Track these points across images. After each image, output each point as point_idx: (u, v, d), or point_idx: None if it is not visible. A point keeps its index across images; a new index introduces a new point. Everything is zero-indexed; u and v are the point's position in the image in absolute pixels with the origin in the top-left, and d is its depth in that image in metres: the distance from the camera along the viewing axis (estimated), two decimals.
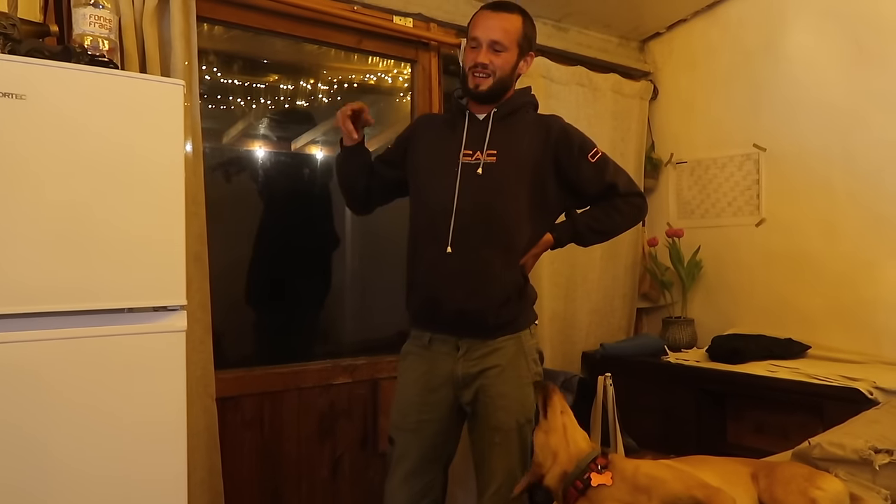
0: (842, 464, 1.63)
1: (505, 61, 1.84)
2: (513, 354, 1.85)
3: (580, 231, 1.94)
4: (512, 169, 1.85)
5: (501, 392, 1.83)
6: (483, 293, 1.81)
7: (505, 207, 1.83)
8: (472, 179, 1.83)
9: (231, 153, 2.72)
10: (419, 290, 1.89)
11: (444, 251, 1.80)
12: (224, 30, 2.51)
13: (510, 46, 1.84)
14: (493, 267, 1.82)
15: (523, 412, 1.83)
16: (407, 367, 1.92)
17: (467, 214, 1.81)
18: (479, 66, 1.82)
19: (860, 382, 2.29)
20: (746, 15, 3.10)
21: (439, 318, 1.85)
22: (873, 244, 2.70)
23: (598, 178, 1.90)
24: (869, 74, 2.71)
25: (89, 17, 1.71)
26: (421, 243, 1.89)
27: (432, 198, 1.87)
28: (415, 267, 1.91)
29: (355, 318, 2.96)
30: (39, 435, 1.46)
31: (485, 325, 1.82)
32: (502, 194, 1.83)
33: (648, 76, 3.50)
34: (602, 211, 1.93)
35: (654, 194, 3.51)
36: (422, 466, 1.85)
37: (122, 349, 1.56)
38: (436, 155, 1.91)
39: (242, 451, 2.37)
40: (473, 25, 1.87)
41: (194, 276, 2.10)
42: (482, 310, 1.81)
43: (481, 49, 1.82)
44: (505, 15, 1.85)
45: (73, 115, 1.51)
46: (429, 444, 1.86)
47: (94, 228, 1.53)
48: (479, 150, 1.85)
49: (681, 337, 3.15)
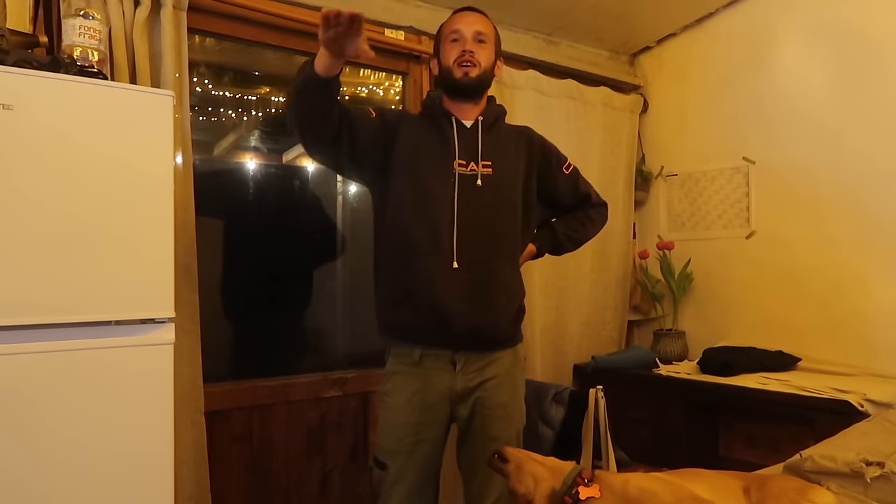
0: (833, 476, 1.62)
1: (488, 54, 1.86)
2: (510, 364, 1.86)
3: (559, 240, 2.01)
4: (507, 180, 1.85)
5: (501, 402, 1.82)
6: (498, 308, 1.80)
7: (506, 219, 1.84)
8: (472, 192, 1.79)
9: (222, 165, 2.71)
10: (419, 306, 1.75)
11: (449, 266, 1.74)
12: (215, 42, 2.51)
13: (490, 40, 1.87)
14: (503, 280, 1.81)
15: (520, 421, 1.87)
16: (395, 388, 1.80)
17: (471, 228, 1.77)
18: (467, 52, 1.81)
19: (851, 395, 2.29)
20: (735, 30, 3.13)
21: (446, 336, 1.75)
22: (862, 256, 2.72)
23: (573, 189, 2.01)
24: (855, 89, 2.74)
25: (79, 27, 1.70)
26: (415, 255, 1.76)
27: (432, 209, 1.77)
28: (405, 281, 1.77)
29: (346, 331, 2.94)
30: (24, 449, 1.44)
31: (497, 339, 1.81)
32: (503, 206, 1.83)
33: (639, 90, 3.53)
34: (577, 220, 2.03)
35: (644, 207, 3.53)
36: (419, 488, 1.79)
37: (108, 362, 1.54)
38: (427, 161, 1.81)
39: (231, 466, 2.35)
40: (451, 22, 1.88)
41: (183, 289, 2.08)
42: (497, 325, 1.80)
43: (465, 40, 1.83)
44: (480, 15, 1.89)
45: (61, 126, 1.50)
46: (425, 464, 1.79)
47: (81, 240, 1.51)
48: (473, 161, 1.82)
49: (672, 349, 3.15)
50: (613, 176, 3.36)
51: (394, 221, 1.81)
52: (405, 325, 1.79)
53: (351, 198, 2.97)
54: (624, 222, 3.41)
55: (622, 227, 3.39)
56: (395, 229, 1.80)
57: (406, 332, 1.80)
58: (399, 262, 1.79)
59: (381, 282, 1.86)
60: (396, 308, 1.79)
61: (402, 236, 1.79)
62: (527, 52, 3.07)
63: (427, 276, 1.75)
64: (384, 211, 1.85)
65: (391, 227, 1.81)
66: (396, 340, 1.83)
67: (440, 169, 1.80)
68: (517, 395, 1.88)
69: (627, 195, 3.42)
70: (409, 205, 1.79)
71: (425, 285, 1.75)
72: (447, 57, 1.85)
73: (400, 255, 1.79)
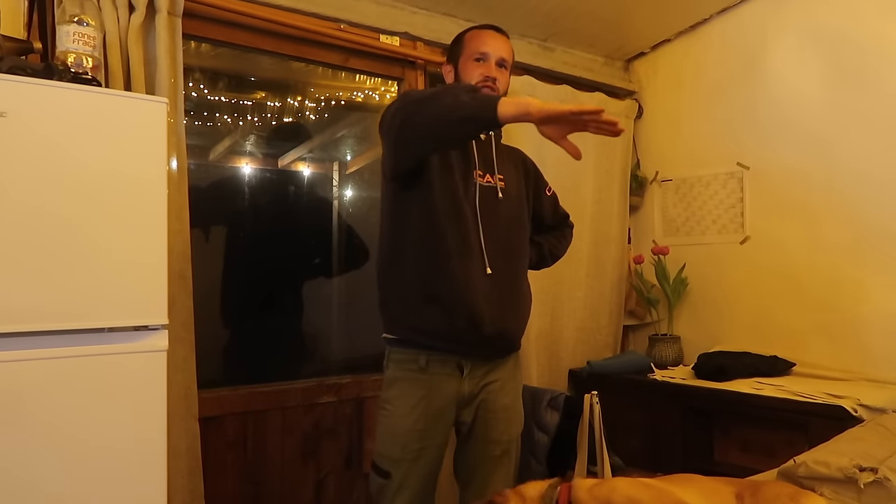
0: (827, 482, 1.63)
1: (506, 80, 1.94)
2: (512, 367, 1.92)
3: (544, 255, 2.11)
4: (517, 196, 1.95)
5: (504, 405, 1.86)
6: (519, 315, 1.89)
7: (521, 231, 1.93)
8: (493, 202, 1.85)
9: (217, 170, 2.71)
10: (452, 308, 1.73)
11: (483, 271, 1.77)
12: (211, 47, 2.52)
13: (509, 66, 1.94)
14: (523, 289, 1.91)
15: (521, 423, 1.94)
16: (399, 395, 1.78)
17: (495, 237, 1.82)
18: (490, 79, 1.87)
19: (845, 400, 2.30)
20: (729, 35, 3.14)
21: (469, 339, 1.75)
22: (856, 261, 2.73)
23: (555, 210, 2.15)
24: (848, 94, 2.75)
25: (73, 34, 1.70)
26: (453, 259, 1.75)
27: (463, 214, 1.78)
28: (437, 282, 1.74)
29: (341, 337, 2.94)
30: (16, 457, 1.43)
31: (516, 344, 1.89)
32: (516, 219, 1.92)
33: (633, 95, 3.54)
34: (556, 239, 2.16)
35: (639, 212, 3.53)
36: (422, 493, 1.79)
37: (101, 369, 1.53)
38: (450, 167, 1.80)
39: (225, 473, 2.34)
40: (479, 42, 1.90)
41: (178, 295, 2.08)
42: (519, 330, 1.88)
43: (490, 64, 1.88)
44: (505, 38, 1.96)
45: (55, 132, 1.49)
46: (428, 470, 1.79)
47: (73, 246, 1.51)
48: (489, 174, 1.88)
49: (667, 354, 3.15)
50: (608, 181, 3.37)
51: (424, 224, 1.77)
52: (427, 322, 1.75)
53: (347, 203, 2.98)
54: (619, 227, 3.41)
55: (617, 233, 3.40)
56: (426, 232, 1.77)
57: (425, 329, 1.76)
58: (431, 264, 1.75)
59: (405, 284, 1.79)
60: (425, 309, 1.75)
61: (435, 239, 1.76)
62: (522, 57, 3.07)
63: (462, 278, 1.74)
64: (407, 213, 1.79)
65: (421, 229, 1.77)
66: (404, 344, 1.80)
67: (464, 178, 1.84)
68: (518, 398, 1.94)
69: (622, 200, 3.43)
70: (441, 209, 1.76)
71: (461, 286, 1.74)
72: (468, 75, 1.89)
73: (433, 258, 1.76)
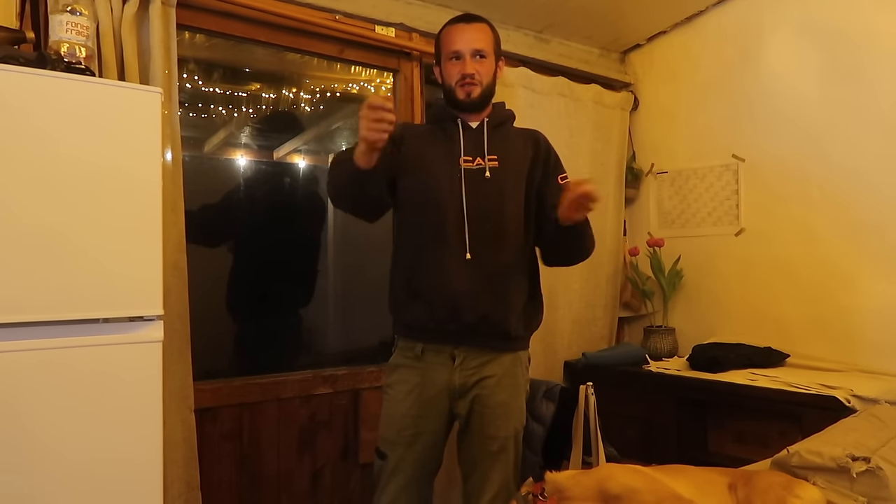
0: (820, 472, 1.64)
1: (488, 68, 1.89)
2: (510, 363, 1.87)
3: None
4: (513, 173, 1.89)
5: (500, 401, 1.84)
6: (507, 300, 1.83)
7: (513, 211, 1.87)
8: (480, 184, 1.83)
9: (212, 162, 2.70)
10: (431, 299, 1.80)
11: (462, 258, 1.78)
12: (205, 38, 2.50)
13: (489, 53, 1.89)
14: (512, 272, 1.85)
15: (520, 420, 1.89)
16: (398, 380, 1.86)
17: (481, 219, 1.81)
18: (467, 76, 1.84)
19: (838, 391, 2.31)
20: (725, 27, 3.14)
21: (455, 325, 1.79)
22: (851, 253, 2.74)
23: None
24: (843, 87, 2.75)
25: (66, 23, 1.69)
26: (429, 250, 1.81)
27: (440, 203, 1.81)
28: (417, 275, 1.82)
29: (336, 329, 2.94)
30: (10, 448, 1.43)
31: (506, 333, 1.83)
32: (510, 198, 1.86)
33: (629, 87, 3.54)
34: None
35: (634, 204, 3.54)
36: (416, 480, 1.83)
37: (97, 360, 1.53)
38: (432, 159, 1.85)
39: (221, 464, 2.34)
40: (449, 41, 1.88)
41: (173, 286, 2.08)
42: (506, 317, 1.83)
43: (465, 60, 1.85)
44: (477, 25, 1.90)
45: (48, 122, 1.49)
46: (423, 456, 1.84)
47: (68, 237, 1.50)
48: (479, 157, 1.86)
49: (662, 346, 3.16)
50: (604, 173, 3.37)
51: (405, 219, 1.88)
52: (416, 317, 1.82)
53: None
54: (614, 219, 3.41)
55: (613, 225, 3.40)
56: (406, 226, 1.87)
57: (415, 324, 1.84)
58: (411, 256, 1.85)
59: (395, 279, 1.90)
60: (410, 302, 1.84)
61: (413, 232, 1.85)
62: (517, 49, 3.07)
63: (439, 268, 1.79)
64: (397, 213, 1.91)
65: (403, 224, 1.88)
66: (404, 332, 1.88)
67: (446, 166, 1.84)
68: (517, 395, 1.89)
69: (618, 192, 3.43)
70: (417, 202, 1.85)
71: (437, 276, 1.79)
72: (449, 76, 1.88)
73: (412, 250, 1.85)
